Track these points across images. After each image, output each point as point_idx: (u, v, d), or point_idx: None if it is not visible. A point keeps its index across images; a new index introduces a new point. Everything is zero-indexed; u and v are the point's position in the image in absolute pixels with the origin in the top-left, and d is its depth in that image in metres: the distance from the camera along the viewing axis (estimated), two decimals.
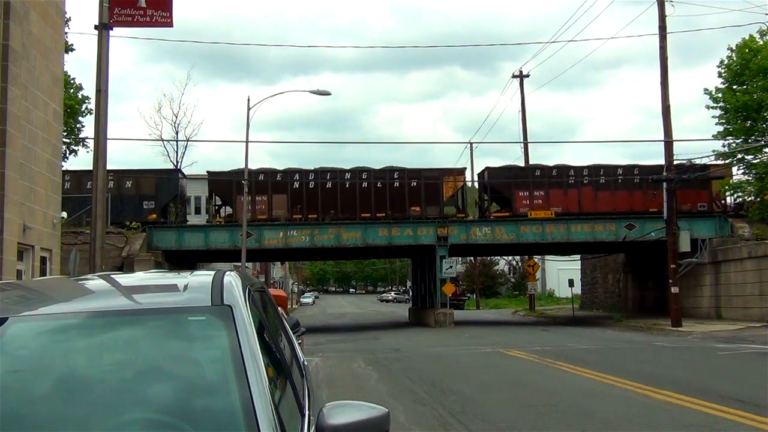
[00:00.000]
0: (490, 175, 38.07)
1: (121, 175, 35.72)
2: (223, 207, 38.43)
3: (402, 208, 36.22)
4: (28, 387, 2.65)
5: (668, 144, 30.31)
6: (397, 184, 36.31)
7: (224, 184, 36.53)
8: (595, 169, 36.87)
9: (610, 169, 37.04)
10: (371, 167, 37.17)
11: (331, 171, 36.92)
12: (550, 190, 36.52)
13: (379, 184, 36.28)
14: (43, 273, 19.29)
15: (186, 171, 43.80)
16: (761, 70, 32.00)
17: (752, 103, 32.26)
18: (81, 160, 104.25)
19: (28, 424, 2.46)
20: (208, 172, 37.98)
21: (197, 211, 50.52)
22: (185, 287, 3.31)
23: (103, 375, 2.78)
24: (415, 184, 36.30)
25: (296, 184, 36.11)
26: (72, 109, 34.75)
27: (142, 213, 34.62)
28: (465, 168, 39.61)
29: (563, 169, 37.18)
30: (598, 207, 36.38)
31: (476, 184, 40.91)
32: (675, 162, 30.48)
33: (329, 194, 36.08)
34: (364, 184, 36.22)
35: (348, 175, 36.65)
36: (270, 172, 36.99)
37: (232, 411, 2.47)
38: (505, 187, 37.41)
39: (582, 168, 37.08)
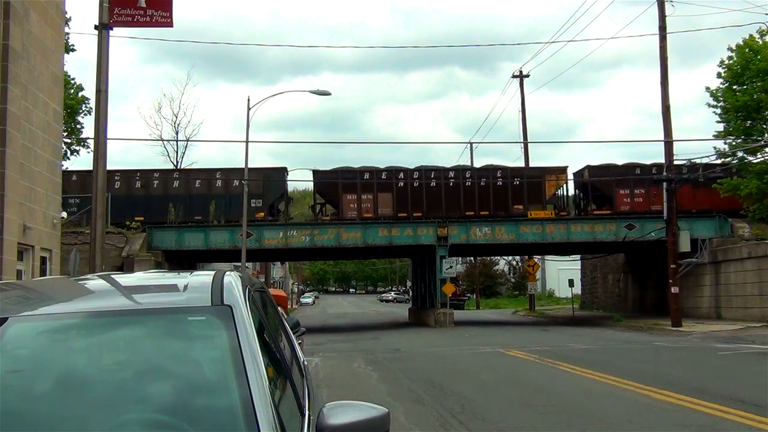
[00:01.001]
0: (590, 173, 37.67)
1: (229, 173, 35.92)
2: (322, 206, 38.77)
3: (505, 207, 36.42)
4: (28, 387, 2.65)
5: (668, 144, 30.32)
6: (500, 182, 36.47)
7: (329, 183, 36.83)
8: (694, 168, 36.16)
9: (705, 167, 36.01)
10: (474, 166, 37.35)
11: (435, 170, 37.30)
12: (650, 188, 35.70)
13: (482, 183, 36.49)
14: (43, 273, 19.28)
15: None
16: (761, 72, 32.00)
17: (752, 103, 32.26)
18: (81, 160, 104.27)
19: (28, 424, 2.46)
20: (312, 171, 37.91)
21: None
22: (185, 287, 3.32)
23: (103, 375, 2.78)
24: (518, 182, 36.46)
25: (401, 183, 36.41)
26: (72, 109, 34.75)
27: (249, 211, 34.81)
28: (567, 166, 38.69)
29: (662, 168, 36.60)
30: (696, 205, 35.70)
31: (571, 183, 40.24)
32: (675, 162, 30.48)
33: (433, 193, 36.37)
34: (468, 183, 36.40)
35: (452, 174, 36.89)
36: (375, 171, 37.29)
37: (232, 411, 2.47)
38: (605, 185, 37.01)
39: (681, 166, 36.44)
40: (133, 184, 35.46)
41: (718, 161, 35.29)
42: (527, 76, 51.34)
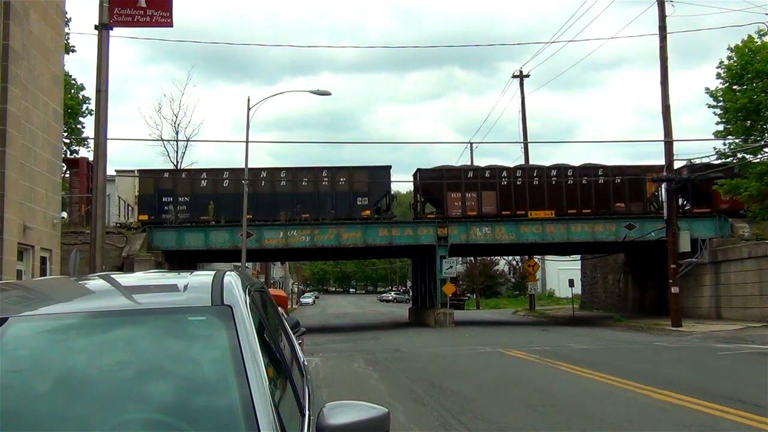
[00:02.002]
0: (690, 171, 36.72)
1: (335, 171, 36.42)
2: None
3: (606, 205, 36.42)
4: (28, 387, 2.65)
5: (668, 144, 30.31)
6: (601, 180, 36.56)
7: (433, 182, 37.28)
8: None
9: None
10: (574, 164, 37.54)
11: (537, 168, 37.68)
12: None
13: (584, 181, 36.60)
14: (43, 273, 19.28)
15: None
16: (760, 73, 32.00)
17: (751, 105, 32.26)
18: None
19: (28, 424, 2.46)
20: (418, 170, 38.32)
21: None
22: (185, 287, 3.32)
23: (103, 375, 2.78)
24: (618, 181, 36.51)
25: (504, 182, 36.78)
26: (73, 109, 34.76)
27: (356, 209, 35.27)
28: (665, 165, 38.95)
29: None
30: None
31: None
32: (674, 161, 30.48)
33: (536, 191, 36.63)
34: (570, 181, 36.59)
35: (554, 172, 37.06)
36: (478, 169, 37.81)
37: (232, 411, 2.47)
38: (705, 183, 36.35)
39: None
40: (240, 183, 35.82)
41: (718, 161, 35.29)
42: (527, 76, 51.37)
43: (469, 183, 36.73)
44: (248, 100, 32.05)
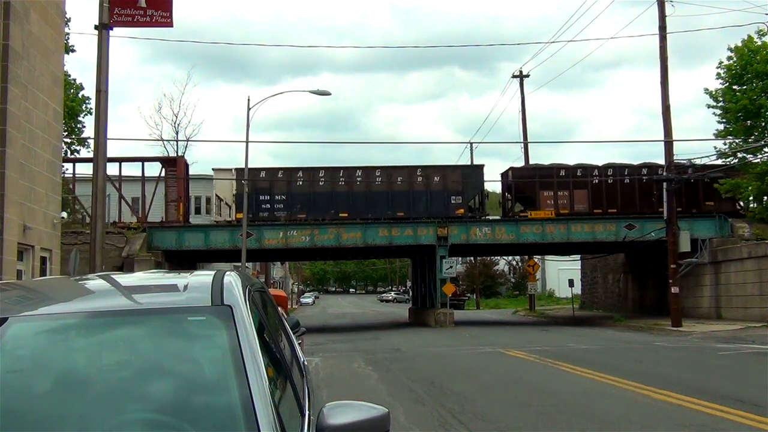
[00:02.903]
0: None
1: (429, 170, 36.96)
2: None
3: (696, 204, 36.30)
4: (28, 387, 2.65)
5: (668, 144, 30.31)
6: (692, 180, 35.92)
7: (525, 181, 37.77)
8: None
9: None
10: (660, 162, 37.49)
11: (627, 167, 37.88)
12: None
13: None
14: (43, 273, 19.28)
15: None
16: (760, 74, 32.00)
17: (752, 107, 32.25)
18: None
19: (28, 423, 2.46)
20: (511, 168, 38.76)
21: (197, 211, 50.38)
22: (185, 287, 3.32)
23: (103, 375, 2.78)
24: (708, 179, 36.15)
25: (595, 180, 37.19)
26: (73, 109, 34.75)
27: (450, 208, 35.63)
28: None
29: None
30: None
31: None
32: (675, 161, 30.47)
33: (626, 190, 36.86)
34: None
35: (644, 170, 37.13)
36: (569, 168, 37.97)
37: (232, 411, 2.47)
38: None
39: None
40: (317, 181, 36.64)
41: (719, 161, 35.30)
42: (527, 76, 51.35)
43: (561, 182, 37.21)
44: (248, 100, 32.10)
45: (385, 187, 36.55)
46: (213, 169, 41.29)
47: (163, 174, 36.39)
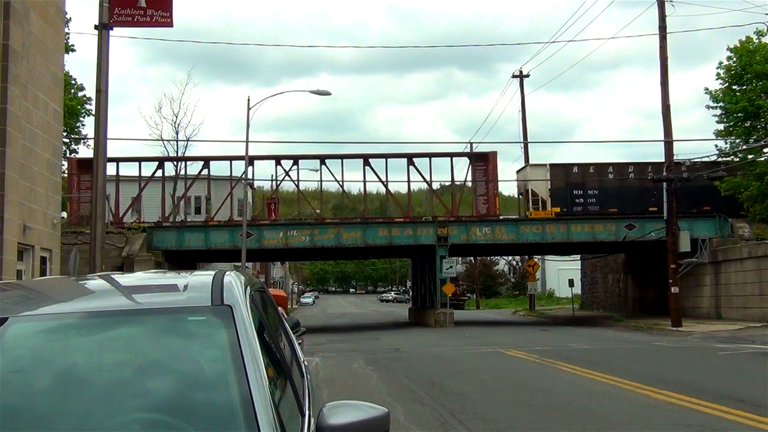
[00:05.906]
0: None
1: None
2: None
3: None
4: (28, 387, 2.65)
5: (668, 144, 30.31)
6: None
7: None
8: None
9: None
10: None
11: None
12: None
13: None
14: (43, 273, 19.28)
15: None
16: (760, 74, 31.99)
17: (751, 108, 32.25)
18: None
19: (28, 423, 2.47)
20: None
21: (197, 211, 50.39)
22: (185, 287, 3.32)
23: (103, 375, 2.78)
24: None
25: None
26: (73, 109, 34.78)
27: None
28: None
29: None
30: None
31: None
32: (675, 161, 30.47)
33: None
34: None
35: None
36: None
37: (232, 410, 2.47)
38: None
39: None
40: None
41: (719, 160, 35.27)
42: (527, 76, 51.34)
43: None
44: (248, 100, 32.07)
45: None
46: (528, 165, 41.15)
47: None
